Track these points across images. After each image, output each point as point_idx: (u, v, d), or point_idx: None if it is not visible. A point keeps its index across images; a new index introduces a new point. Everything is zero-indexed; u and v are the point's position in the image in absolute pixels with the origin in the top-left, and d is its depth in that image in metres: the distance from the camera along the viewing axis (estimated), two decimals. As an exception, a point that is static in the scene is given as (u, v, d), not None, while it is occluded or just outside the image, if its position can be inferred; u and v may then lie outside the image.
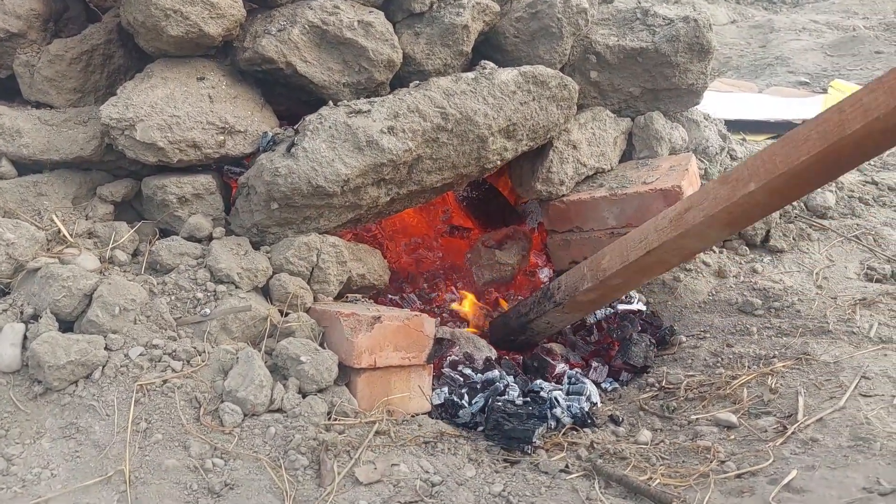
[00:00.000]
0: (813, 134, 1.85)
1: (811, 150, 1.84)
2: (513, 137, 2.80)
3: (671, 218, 2.25)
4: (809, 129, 1.87)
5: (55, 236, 2.41)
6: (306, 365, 2.22)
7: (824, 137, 1.82)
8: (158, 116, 2.44)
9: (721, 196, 2.06)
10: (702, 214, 2.12)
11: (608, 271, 2.47)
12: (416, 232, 3.59)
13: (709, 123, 3.61)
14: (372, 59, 2.73)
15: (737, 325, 2.81)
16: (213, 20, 2.49)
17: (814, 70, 6.25)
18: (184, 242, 2.46)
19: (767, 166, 1.96)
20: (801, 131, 1.90)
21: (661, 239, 2.26)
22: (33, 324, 2.15)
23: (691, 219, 2.15)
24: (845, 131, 1.77)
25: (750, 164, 2.02)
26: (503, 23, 3.10)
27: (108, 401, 2.07)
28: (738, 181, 2.02)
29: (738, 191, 2.01)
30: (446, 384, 2.56)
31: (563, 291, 2.68)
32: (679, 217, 2.20)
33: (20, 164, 2.54)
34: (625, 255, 2.40)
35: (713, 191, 2.10)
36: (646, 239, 2.32)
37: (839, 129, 1.79)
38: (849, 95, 1.82)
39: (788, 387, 2.35)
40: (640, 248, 2.33)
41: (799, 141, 1.89)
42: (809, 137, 1.86)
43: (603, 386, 2.74)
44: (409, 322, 2.40)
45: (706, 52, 3.22)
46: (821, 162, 1.86)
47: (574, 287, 2.62)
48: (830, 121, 1.82)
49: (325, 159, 2.42)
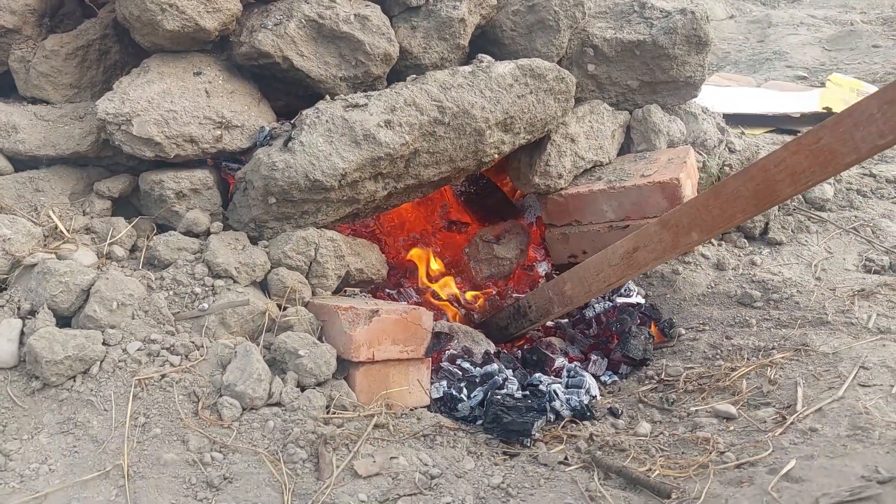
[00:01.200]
0: (744, 191, 2.12)
1: (745, 210, 2.15)
2: (510, 131, 2.79)
3: (621, 255, 2.51)
4: (739, 184, 2.13)
5: (52, 232, 2.41)
6: (305, 359, 2.22)
7: (756, 198, 2.11)
8: (155, 111, 2.43)
9: (666, 241, 2.37)
10: (651, 256, 2.43)
11: (573, 299, 2.72)
12: (414, 227, 3.59)
13: (707, 116, 3.61)
14: (369, 52, 2.73)
15: (736, 317, 2.81)
16: (209, 14, 2.49)
17: (812, 64, 6.24)
18: (181, 237, 2.46)
19: (705, 218, 2.24)
20: (732, 186, 2.15)
21: (616, 275, 2.54)
22: (30, 319, 2.14)
23: (641, 259, 2.45)
24: (776, 196, 2.09)
25: (688, 213, 2.30)
26: (500, 16, 3.10)
27: (106, 396, 2.06)
28: (679, 228, 2.32)
29: (681, 238, 2.33)
30: (445, 378, 2.56)
31: (535, 312, 2.86)
32: (629, 255, 2.48)
33: (16, 160, 2.54)
34: (587, 286, 2.66)
35: (657, 234, 2.39)
36: (602, 272, 2.59)
37: (770, 193, 2.08)
38: (768, 155, 2.08)
39: (787, 378, 2.35)
40: (600, 281, 2.60)
41: (731, 196, 2.16)
42: (740, 195, 2.13)
43: (602, 379, 2.74)
44: (408, 315, 2.40)
45: (704, 44, 3.21)
46: (752, 215, 2.22)
47: (545, 310, 2.82)
48: (758, 179, 2.08)
49: (322, 153, 2.42)
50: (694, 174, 3.15)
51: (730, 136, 3.67)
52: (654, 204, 2.98)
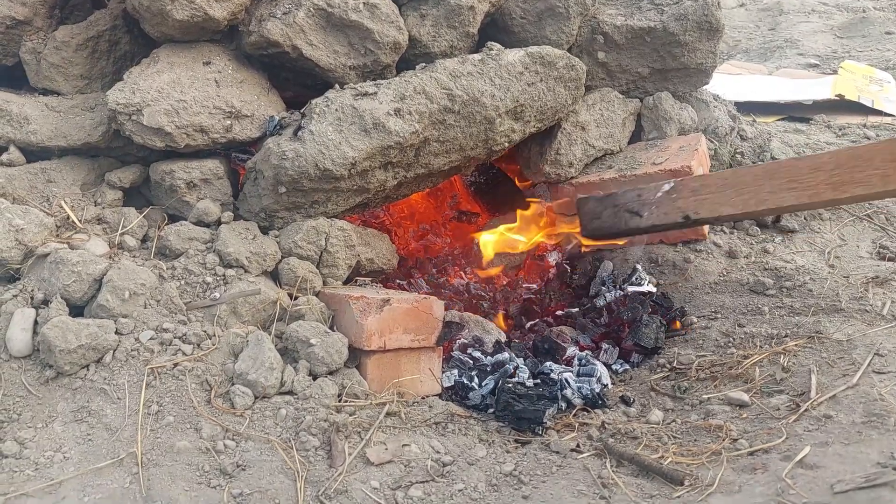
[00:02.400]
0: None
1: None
2: (520, 119, 2.78)
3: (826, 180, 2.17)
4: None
5: (64, 222, 2.42)
6: (316, 347, 2.22)
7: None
8: (165, 101, 2.44)
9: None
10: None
11: (762, 205, 2.33)
12: (424, 218, 3.58)
13: (718, 104, 3.58)
14: (378, 41, 2.72)
15: (748, 305, 2.79)
16: (218, 3, 2.48)
17: (823, 52, 6.18)
18: (192, 227, 2.46)
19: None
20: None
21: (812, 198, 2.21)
22: (43, 309, 2.15)
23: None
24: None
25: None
26: (509, 4, 3.08)
27: (120, 384, 2.07)
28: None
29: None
30: (456, 367, 2.56)
31: (700, 215, 2.46)
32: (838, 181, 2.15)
33: (28, 151, 2.54)
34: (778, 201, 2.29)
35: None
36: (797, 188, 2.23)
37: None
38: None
39: (801, 365, 2.33)
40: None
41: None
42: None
43: (613, 367, 2.73)
44: (419, 304, 2.39)
45: (715, 30, 3.18)
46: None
47: (716, 212, 2.44)
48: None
49: (332, 142, 2.41)
50: (706, 162, 3.13)
51: (741, 123, 3.64)
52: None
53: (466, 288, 3.22)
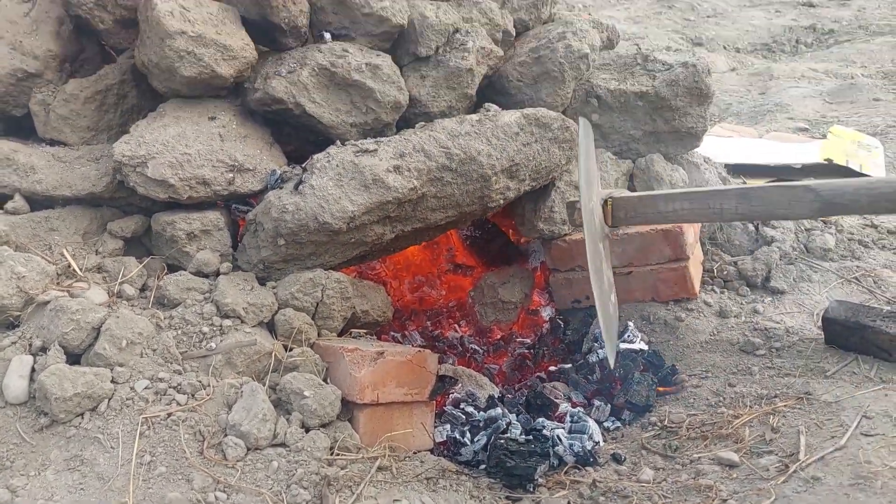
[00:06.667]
0: None
1: None
2: (515, 177, 2.85)
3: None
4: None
5: (65, 270, 2.45)
6: (309, 399, 2.24)
7: None
8: (170, 154, 2.50)
9: None
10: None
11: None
12: (420, 270, 3.63)
13: (709, 166, 3.67)
14: (379, 100, 2.80)
15: (738, 364, 2.83)
16: (225, 62, 2.57)
17: (813, 116, 6.33)
18: (191, 277, 2.50)
19: None
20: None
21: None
22: (41, 356, 2.17)
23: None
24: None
25: None
26: (506, 67, 3.18)
27: (113, 433, 2.08)
28: None
29: None
30: (448, 422, 2.57)
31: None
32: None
33: (33, 200, 2.59)
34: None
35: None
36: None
37: None
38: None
39: (790, 426, 2.35)
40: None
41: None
42: None
43: (605, 425, 2.74)
44: (413, 358, 2.42)
45: (705, 96, 3.29)
46: None
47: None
48: None
49: (331, 196, 2.47)
50: (696, 223, 3.19)
51: (732, 185, 3.73)
52: (657, 251, 3.03)
53: (461, 341, 3.25)
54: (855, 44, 8.42)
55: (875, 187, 2.28)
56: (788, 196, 2.32)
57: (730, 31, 9.26)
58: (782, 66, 7.78)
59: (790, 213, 2.38)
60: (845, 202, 2.30)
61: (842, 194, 2.28)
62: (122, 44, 2.87)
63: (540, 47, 3.15)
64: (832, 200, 2.29)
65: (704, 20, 9.78)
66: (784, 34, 9.13)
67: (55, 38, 2.77)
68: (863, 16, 9.58)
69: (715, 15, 10.00)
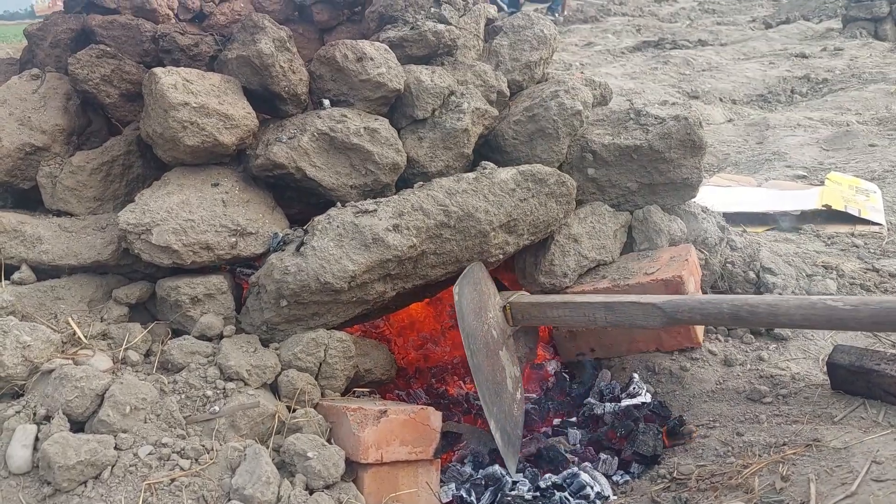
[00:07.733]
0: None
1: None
2: (514, 232, 2.89)
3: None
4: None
5: (70, 338, 2.48)
6: (313, 461, 2.23)
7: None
8: (174, 221, 2.55)
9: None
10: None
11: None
12: (424, 327, 3.64)
13: (707, 216, 3.70)
14: (378, 162, 2.87)
15: (746, 413, 2.80)
16: (227, 130, 2.65)
17: (810, 164, 6.39)
18: (195, 341, 2.52)
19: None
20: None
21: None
22: (45, 425, 2.18)
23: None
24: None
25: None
26: (502, 126, 3.26)
27: (116, 501, 2.07)
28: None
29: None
30: (453, 479, 2.54)
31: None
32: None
33: (39, 269, 2.64)
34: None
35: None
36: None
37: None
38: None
39: (800, 474, 2.32)
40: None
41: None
42: None
43: (614, 479, 2.70)
44: (416, 415, 2.41)
45: (698, 147, 3.34)
46: None
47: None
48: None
49: (332, 257, 2.51)
50: (696, 271, 3.21)
51: (731, 234, 3.75)
52: (658, 301, 3.03)
53: (466, 398, 3.24)
54: (849, 92, 8.56)
55: (708, 303, 2.69)
56: (642, 310, 2.72)
57: (725, 84, 9.43)
58: (778, 116, 7.89)
59: (646, 324, 2.74)
60: (683, 317, 2.69)
61: (682, 309, 2.68)
62: (127, 116, 2.97)
63: (534, 106, 3.22)
64: (674, 315, 2.67)
65: (700, 73, 9.97)
66: (779, 85, 9.30)
67: (63, 113, 2.87)
68: (855, 64, 9.77)
69: (710, 69, 10.20)
